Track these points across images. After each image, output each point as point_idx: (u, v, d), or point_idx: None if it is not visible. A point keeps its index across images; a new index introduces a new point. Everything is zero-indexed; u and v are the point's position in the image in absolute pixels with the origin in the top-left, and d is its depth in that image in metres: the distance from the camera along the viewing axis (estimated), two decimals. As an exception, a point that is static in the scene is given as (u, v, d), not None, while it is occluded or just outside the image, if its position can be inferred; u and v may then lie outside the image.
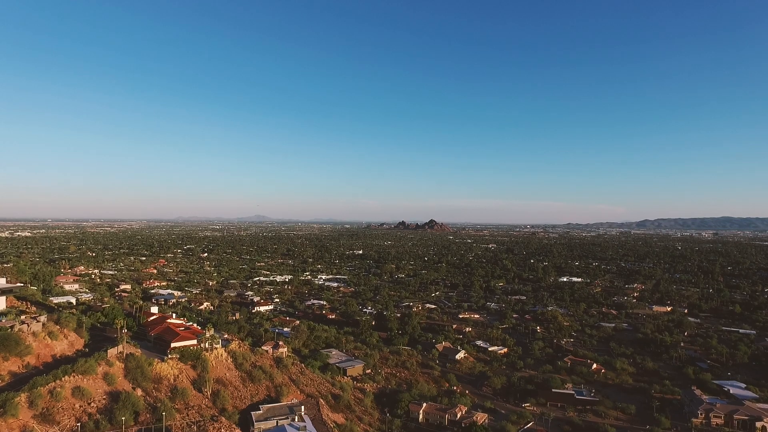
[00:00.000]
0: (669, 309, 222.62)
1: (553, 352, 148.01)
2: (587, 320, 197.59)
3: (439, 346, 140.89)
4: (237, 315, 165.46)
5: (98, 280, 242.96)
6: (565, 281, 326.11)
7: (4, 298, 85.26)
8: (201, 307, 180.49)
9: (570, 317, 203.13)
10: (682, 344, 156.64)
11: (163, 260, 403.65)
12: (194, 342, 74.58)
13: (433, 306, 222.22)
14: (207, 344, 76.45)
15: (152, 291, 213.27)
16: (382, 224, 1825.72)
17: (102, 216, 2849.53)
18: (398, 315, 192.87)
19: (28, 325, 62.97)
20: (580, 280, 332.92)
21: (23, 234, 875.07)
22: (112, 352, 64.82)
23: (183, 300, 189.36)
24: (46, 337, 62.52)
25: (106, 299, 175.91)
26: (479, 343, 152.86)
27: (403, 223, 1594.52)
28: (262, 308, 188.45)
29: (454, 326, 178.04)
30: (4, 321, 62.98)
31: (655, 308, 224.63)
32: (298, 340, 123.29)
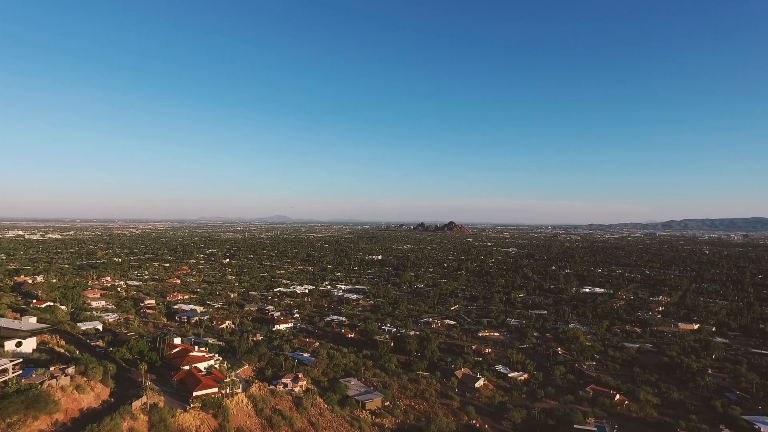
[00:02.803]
0: (696, 327, 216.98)
1: (574, 378, 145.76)
2: (610, 339, 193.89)
3: (459, 373, 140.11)
4: (258, 335, 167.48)
5: (123, 293, 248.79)
6: (588, 292, 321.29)
7: (34, 339, 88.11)
8: (222, 326, 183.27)
9: (592, 335, 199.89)
10: (709, 371, 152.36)
11: (186, 267, 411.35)
12: (216, 390, 75.77)
13: (452, 322, 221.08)
14: (228, 389, 77.57)
15: (175, 306, 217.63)
16: (401, 225, 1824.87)
17: (127, 216, 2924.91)
18: (417, 333, 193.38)
19: (57, 380, 64.80)
20: (602, 291, 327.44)
21: (53, 236, 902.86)
22: (137, 404, 66.28)
23: (205, 318, 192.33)
24: (74, 391, 64.25)
25: (131, 318, 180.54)
26: (499, 368, 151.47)
27: (422, 224, 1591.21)
28: (282, 326, 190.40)
29: (474, 347, 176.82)
30: (34, 376, 64.96)
31: (681, 326, 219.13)
32: (318, 369, 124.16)
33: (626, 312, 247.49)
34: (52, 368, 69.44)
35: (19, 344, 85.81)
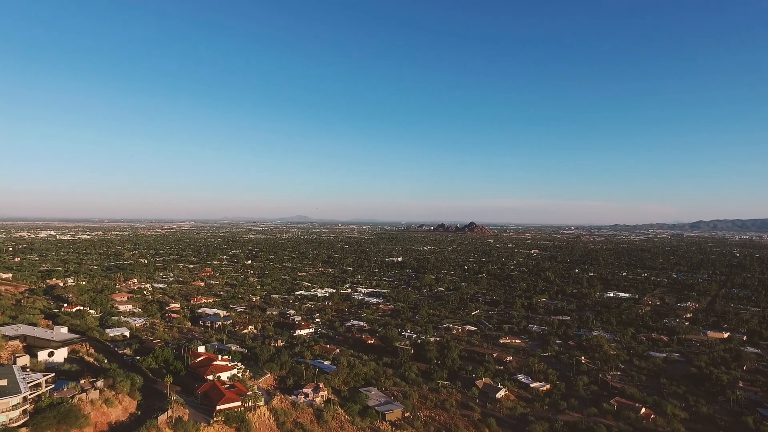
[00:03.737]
0: (726, 335, 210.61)
1: (598, 389, 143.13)
2: (635, 348, 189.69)
3: (479, 383, 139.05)
4: (279, 341, 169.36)
5: (150, 296, 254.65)
6: (612, 297, 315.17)
7: (65, 349, 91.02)
8: (245, 331, 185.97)
9: (616, 344, 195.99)
10: (740, 383, 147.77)
11: (210, 269, 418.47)
12: (238, 404, 76.99)
13: (473, 328, 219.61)
14: (251, 402, 78.70)
15: (199, 310, 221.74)
16: (421, 226, 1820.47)
17: (153, 216, 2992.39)
18: (437, 339, 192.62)
19: (87, 393, 66.79)
20: (627, 295, 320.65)
21: (83, 236, 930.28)
22: (162, 418, 67.83)
23: (228, 323, 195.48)
24: (103, 405, 66.13)
25: (156, 323, 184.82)
26: (520, 377, 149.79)
27: (442, 225, 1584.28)
28: (303, 331, 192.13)
29: (495, 355, 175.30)
30: (65, 389, 67.14)
31: (710, 334, 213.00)
32: (338, 378, 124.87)
33: (652, 319, 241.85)
34: (82, 381, 71.65)
35: (51, 354, 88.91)
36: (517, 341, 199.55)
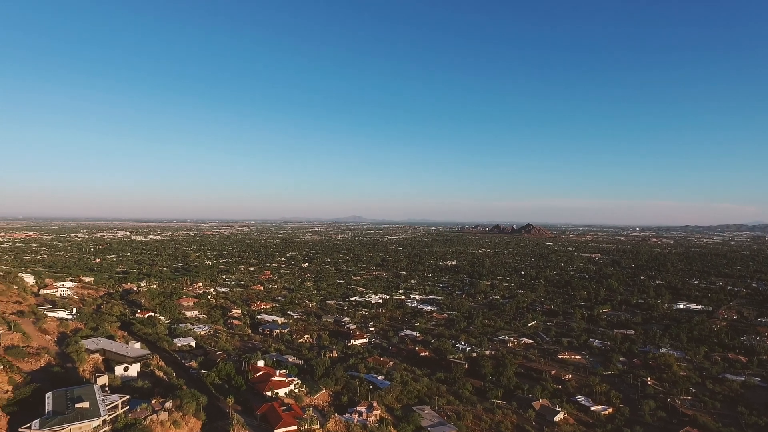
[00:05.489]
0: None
1: (666, 416, 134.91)
2: (709, 369, 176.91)
3: (537, 404, 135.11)
4: (334, 352, 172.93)
5: (213, 301, 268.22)
6: (682, 309, 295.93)
7: (138, 365, 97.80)
8: (301, 340, 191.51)
9: (687, 363, 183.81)
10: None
11: (269, 272, 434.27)
12: (295, 428, 79.59)
13: (530, 341, 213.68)
14: (307, 425, 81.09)
15: (259, 317, 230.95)
16: (475, 226, 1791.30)
17: (217, 217, 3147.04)
18: (492, 353, 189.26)
19: (158, 414, 71.50)
20: (700, 307, 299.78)
21: (154, 237, 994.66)
22: (225, 441, 71.46)
23: (286, 331, 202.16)
24: (171, 426, 70.50)
25: (220, 330, 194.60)
26: (580, 399, 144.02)
27: (497, 226, 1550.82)
28: (358, 342, 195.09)
29: (553, 372, 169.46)
30: (139, 410, 72.23)
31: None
32: (392, 395, 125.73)
33: (728, 335, 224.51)
34: (153, 401, 76.73)
35: (126, 369, 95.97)
36: (576, 357, 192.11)
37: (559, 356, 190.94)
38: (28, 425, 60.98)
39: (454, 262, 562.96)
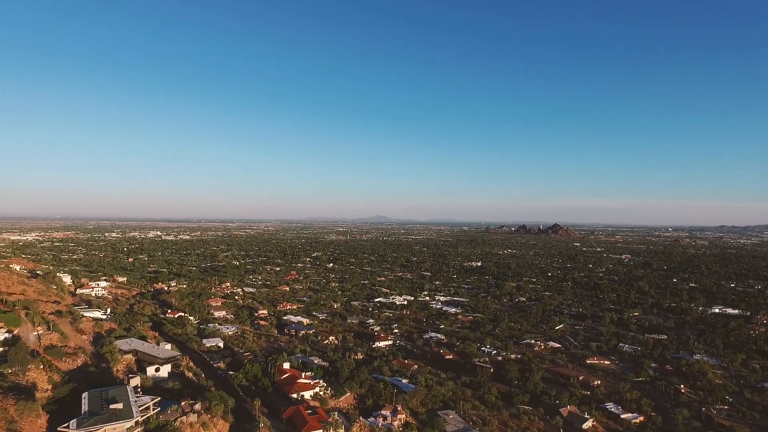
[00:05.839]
0: None
1: (701, 426, 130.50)
2: (746, 378, 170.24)
3: (564, 411, 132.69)
4: (359, 354, 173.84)
5: (240, 301, 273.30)
6: (718, 313, 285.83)
7: (168, 366, 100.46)
8: (326, 342, 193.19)
9: (723, 371, 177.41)
10: None
11: (295, 272, 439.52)
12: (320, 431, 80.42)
13: (557, 345, 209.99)
14: (332, 430, 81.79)
15: (285, 317, 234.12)
16: (501, 227, 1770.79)
17: (243, 217, 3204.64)
18: (518, 357, 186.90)
19: (187, 416, 73.30)
20: (737, 312, 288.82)
21: (184, 237, 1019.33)
22: (251, 444, 72.71)
23: (311, 332, 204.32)
24: (200, 428, 72.14)
25: (247, 330, 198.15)
26: (610, 406, 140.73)
27: (524, 227, 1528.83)
28: (382, 344, 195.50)
29: (581, 377, 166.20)
30: (169, 412, 74.21)
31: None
32: (416, 399, 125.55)
33: (767, 342, 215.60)
34: (183, 403, 78.70)
35: (157, 369, 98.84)
36: (605, 362, 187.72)
37: (588, 361, 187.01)
38: (66, 425, 63.36)
39: (479, 263, 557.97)
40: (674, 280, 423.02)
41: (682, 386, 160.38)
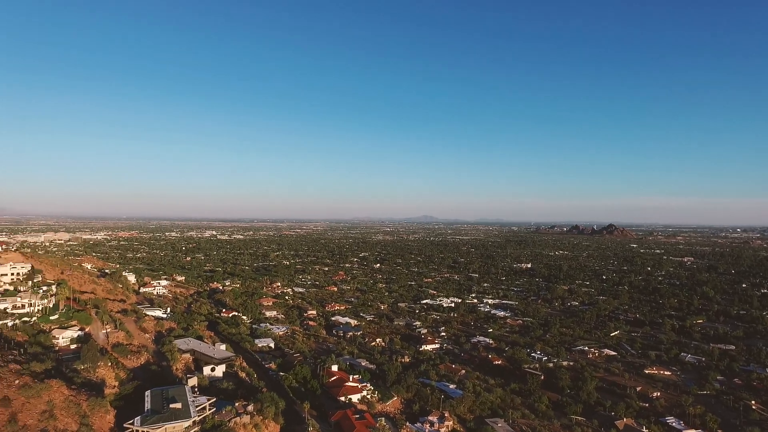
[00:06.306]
0: None
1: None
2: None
3: (620, 423, 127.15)
4: (405, 357, 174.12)
5: (290, 302, 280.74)
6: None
7: (223, 366, 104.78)
8: (373, 343, 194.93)
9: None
10: None
11: (343, 273, 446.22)
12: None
13: (612, 353, 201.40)
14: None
15: (333, 318, 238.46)
16: (552, 227, 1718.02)
17: (293, 217, 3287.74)
18: (570, 364, 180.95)
19: (241, 417, 76.27)
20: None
21: (237, 236, 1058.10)
22: (301, 447, 74.63)
23: (358, 334, 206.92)
24: (253, 429, 74.89)
25: (297, 331, 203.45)
26: (670, 420, 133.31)
27: (576, 227, 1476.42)
28: (429, 347, 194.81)
29: (639, 388, 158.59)
30: (224, 412, 77.45)
31: None
32: (464, 405, 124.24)
33: None
34: (237, 404, 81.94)
35: (213, 369, 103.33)
36: (666, 373, 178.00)
37: (646, 371, 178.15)
38: (131, 421, 67.59)
39: (529, 265, 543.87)
40: (743, 285, 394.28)
41: (753, 402, 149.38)
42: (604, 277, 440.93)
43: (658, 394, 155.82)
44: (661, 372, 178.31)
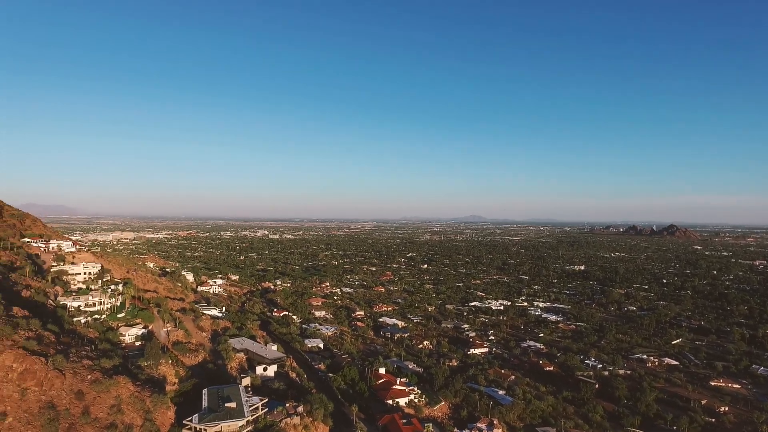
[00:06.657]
0: None
1: None
2: None
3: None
4: (453, 360, 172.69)
5: (339, 302, 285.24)
6: None
7: (275, 366, 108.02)
8: (420, 346, 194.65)
9: None
10: None
11: (390, 273, 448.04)
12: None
13: (674, 362, 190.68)
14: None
15: (380, 319, 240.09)
16: (607, 227, 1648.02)
17: (342, 216, 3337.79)
18: (627, 373, 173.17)
19: (291, 418, 78.43)
20: None
21: (288, 236, 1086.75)
22: (350, 450, 75.77)
23: (406, 336, 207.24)
24: (303, 430, 76.76)
25: (345, 331, 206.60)
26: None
27: (634, 227, 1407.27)
28: (477, 351, 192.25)
29: (704, 401, 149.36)
30: (276, 413, 79.91)
31: None
32: (514, 413, 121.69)
33: None
34: (287, 404, 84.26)
35: (265, 369, 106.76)
36: (735, 386, 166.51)
37: (712, 383, 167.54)
38: (189, 418, 71.11)
39: (582, 267, 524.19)
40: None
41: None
42: (665, 281, 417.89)
43: (726, 408, 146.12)
44: (730, 385, 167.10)
